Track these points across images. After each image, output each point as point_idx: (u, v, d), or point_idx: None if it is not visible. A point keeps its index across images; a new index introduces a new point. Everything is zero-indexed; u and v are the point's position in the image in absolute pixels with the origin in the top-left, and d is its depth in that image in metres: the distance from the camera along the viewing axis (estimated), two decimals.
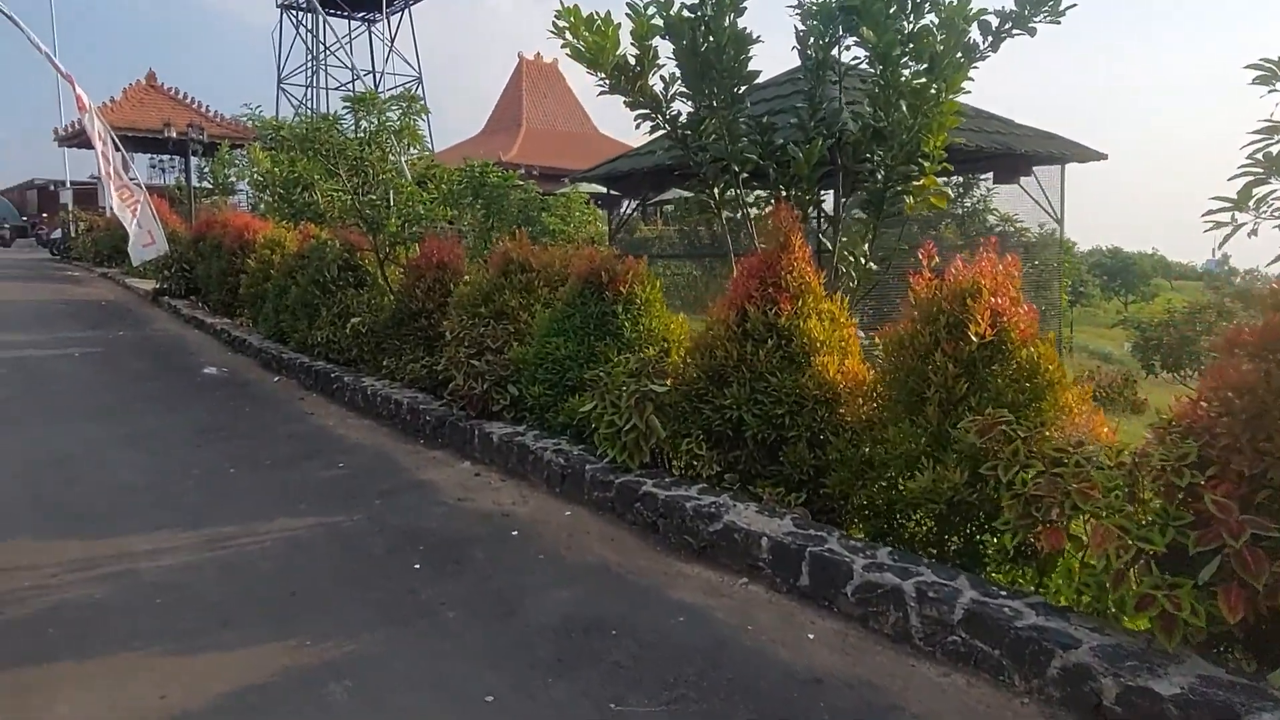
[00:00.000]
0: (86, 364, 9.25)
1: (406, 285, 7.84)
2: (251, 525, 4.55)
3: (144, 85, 27.00)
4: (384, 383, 7.45)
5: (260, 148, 13.96)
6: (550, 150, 37.25)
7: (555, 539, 4.39)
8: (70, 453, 5.92)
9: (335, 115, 8.31)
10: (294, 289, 9.64)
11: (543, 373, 5.90)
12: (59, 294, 15.15)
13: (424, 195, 8.22)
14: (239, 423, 6.96)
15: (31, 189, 42.57)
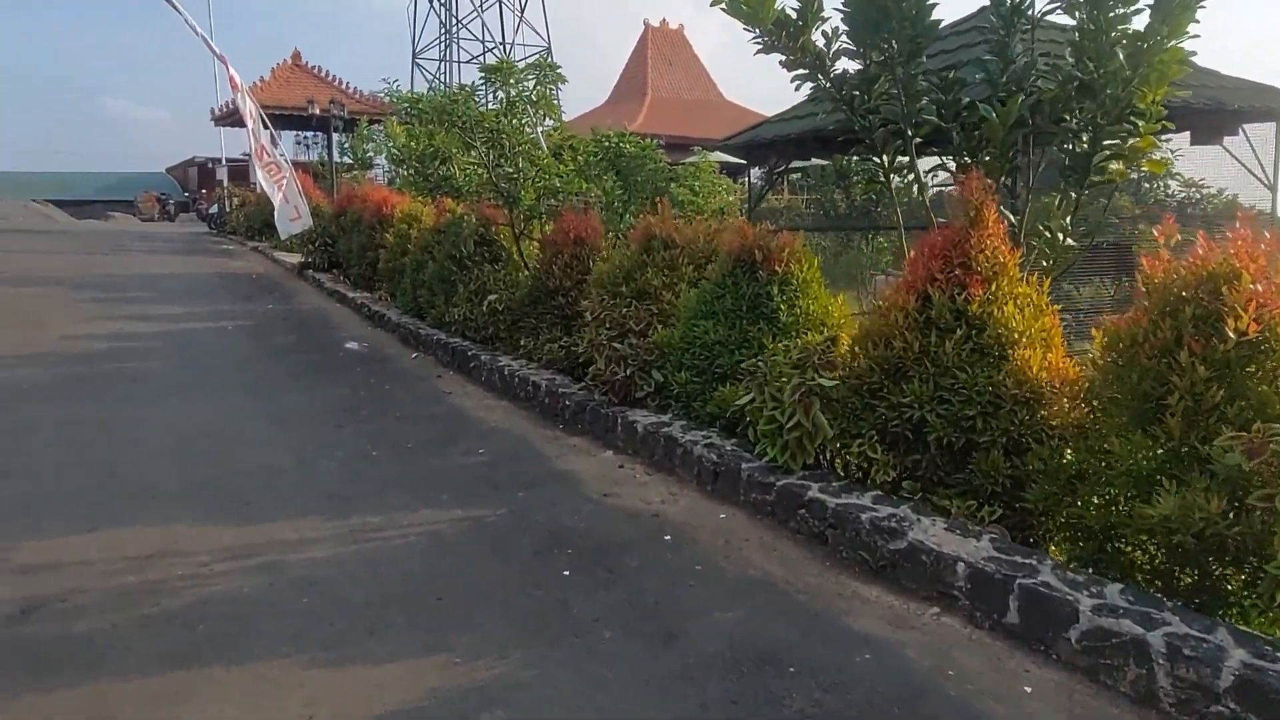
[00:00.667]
0: (237, 337, 9.54)
1: (543, 262, 7.60)
2: (395, 516, 4.38)
3: (290, 65, 28.16)
4: (521, 363, 7.25)
5: (397, 122, 14.11)
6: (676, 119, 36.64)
7: (711, 546, 4.00)
8: (221, 430, 5.99)
9: (471, 86, 8.12)
10: (430, 264, 9.63)
11: (689, 358, 5.50)
12: (214, 267, 15.94)
13: (560, 167, 7.94)
14: (379, 401, 6.92)
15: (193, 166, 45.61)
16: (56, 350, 8.41)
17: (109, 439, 5.68)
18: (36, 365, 7.77)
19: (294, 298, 12.59)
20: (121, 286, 12.78)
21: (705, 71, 43.82)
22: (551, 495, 4.71)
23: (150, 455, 5.39)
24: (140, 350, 8.63)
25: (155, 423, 6.09)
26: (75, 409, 6.38)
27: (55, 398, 6.72)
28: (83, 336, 9.07)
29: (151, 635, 3.21)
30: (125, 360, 8.16)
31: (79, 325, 9.65)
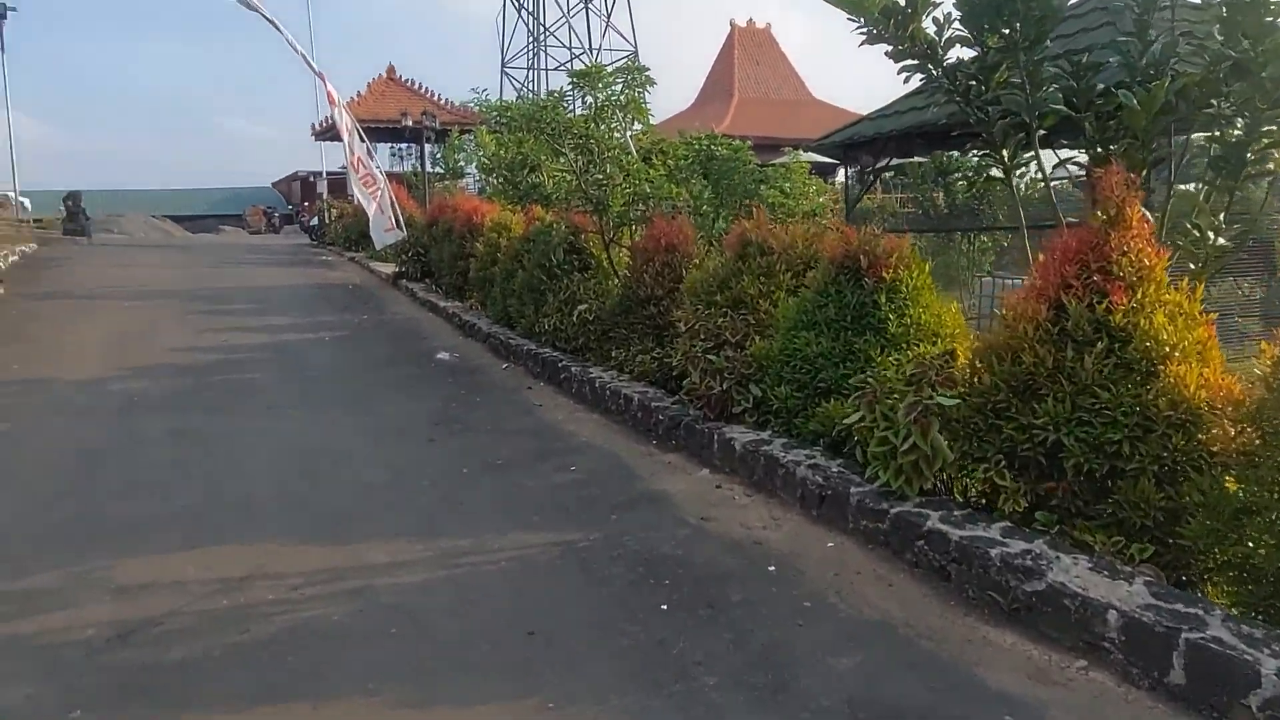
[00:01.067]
0: (334, 348, 9.70)
1: (634, 270, 7.40)
2: (485, 539, 4.23)
3: (385, 79, 28.96)
4: (612, 374, 7.06)
5: (486, 131, 14.21)
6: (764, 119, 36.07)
7: (820, 579, 3.70)
8: (315, 444, 6.01)
9: (560, 92, 8.00)
10: (520, 273, 9.56)
11: (790, 371, 5.19)
12: (313, 278, 16.40)
13: (650, 172, 7.73)
14: (470, 414, 6.85)
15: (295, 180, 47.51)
16: (167, 362, 8.69)
17: (211, 453, 5.76)
18: (148, 377, 8.03)
19: (388, 308, 12.79)
20: (228, 298, 13.25)
21: (793, 70, 43.06)
22: (646, 518, 4.49)
23: (249, 470, 5.42)
24: (243, 362, 8.84)
25: (255, 436, 6.16)
26: (181, 421, 6.53)
27: (163, 410, 6.89)
28: (192, 349, 9.37)
29: (241, 665, 3.13)
30: (229, 372, 8.36)
31: (188, 337, 9.99)
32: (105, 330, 10.34)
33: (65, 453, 5.77)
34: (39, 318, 11.10)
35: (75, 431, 6.30)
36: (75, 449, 5.85)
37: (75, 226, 23.70)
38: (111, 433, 6.25)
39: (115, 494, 4.96)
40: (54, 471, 5.38)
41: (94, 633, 3.36)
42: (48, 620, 3.48)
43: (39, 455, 5.73)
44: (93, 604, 3.62)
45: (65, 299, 12.60)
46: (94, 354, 9.08)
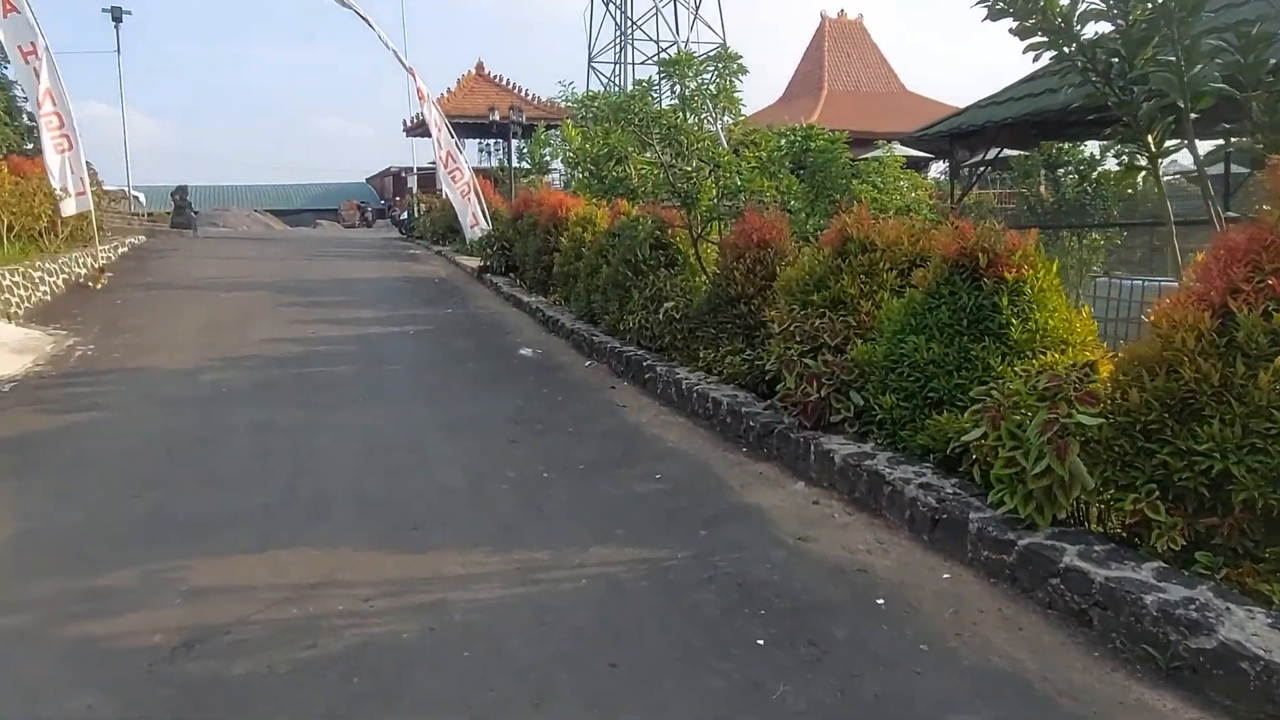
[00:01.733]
0: (418, 342, 9.65)
1: (723, 266, 7.04)
2: (565, 552, 3.97)
3: (474, 75, 29.30)
4: (699, 376, 6.73)
5: (572, 125, 14.05)
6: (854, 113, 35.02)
7: (937, 617, 3.29)
8: (395, 441, 5.87)
9: (648, 81, 7.70)
10: (604, 269, 9.32)
11: (896, 379, 4.76)
12: (402, 271, 16.58)
13: (741, 164, 7.36)
14: (552, 413, 6.62)
15: (388, 176, 48.77)
16: (257, 354, 8.78)
17: (292, 448, 5.68)
18: (238, 369, 8.10)
19: (472, 302, 12.76)
20: (318, 291, 13.46)
21: (885, 62, 41.79)
22: (738, 535, 4.14)
23: (327, 467, 5.31)
24: (329, 355, 8.86)
25: (335, 432, 6.07)
26: (265, 413, 6.50)
27: (250, 402, 6.90)
28: (280, 340, 9.46)
29: (307, 685, 2.93)
30: (315, 364, 8.37)
31: (278, 329, 10.11)
32: (202, 321, 10.57)
33: (152, 443, 5.79)
34: (142, 308, 11.46)
35: (163, 421, 6.34)
36: (162, 440, 5.86)
37: (182, 220, 24.71)
38: (197, 424, 6.26)
39: (195, 488, 4.91)
40: (139, 462, 5.38)
41: (161, 639, 3.23)
42: (117, 623, 3.37)
43: (127, 445, 5.76)
44: (163, 606, 3.51)
45: (167, 289, 13.00)
46: (189, 344, 9.25)
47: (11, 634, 3.29)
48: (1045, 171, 16.20)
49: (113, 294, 12.35)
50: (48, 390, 7.32)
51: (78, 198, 13.02)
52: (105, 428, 6.19)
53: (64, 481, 5.06)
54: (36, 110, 12.52)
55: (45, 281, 11.27)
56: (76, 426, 6.18)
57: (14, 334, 9.00)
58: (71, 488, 4.94)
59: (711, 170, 7.42)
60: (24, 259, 11.23)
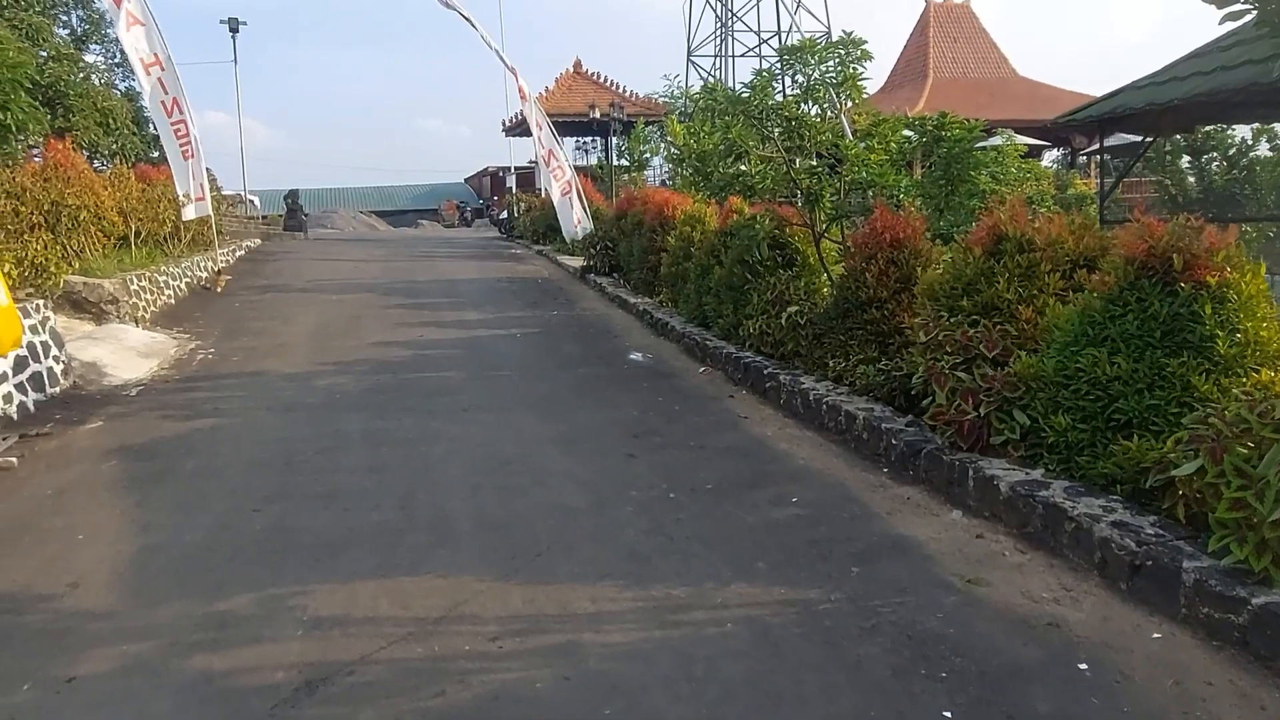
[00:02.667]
0: (526, 346, 9.48)
1: (852, 268, 6.55)
2: (704, 589, 3.61)
3: (571, 73, 29.31)
4: (826, 386, 6.26)
5: (676, 120, 13.70)
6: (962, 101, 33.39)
7: (1156, 690, 2.77)
8: (509, 454, 5.64)
9: (768, 71, 7.26)
10: (717, 270, 8.93)
11: (1070, 397, 4.21)
12: (504, 271, 16.59)
13: (871, 157, 6.84)
14: (670, 425, 6.28)
15: (486, 175, 49.59)
16: (366, 357, 8.77)
17: (407, 461, 5.51)
18: (350, 374, 8.08)
19: (577, 303, 12.56)
20: (424, 292, 13.53)
21: (995, 46, 39.87)
22: (896, 574, 3.69)
23: (443, 482, 5.11)
24: (438, 359, 8.77)
25: (448, 442, 5.89)
26: (377, 421, 6.40)
27: (361, 408, 6.82)
28: (389, 344, 9.45)
29: None
30: (425, 370, 8.29)
31: (387, 332, 10.13)
32: (313, 323, 10.71)
33: (269, 453, 5.72)
34: (258, 310, 11.72)
35: (279, 429, 6.30)
36: (280, 449, 5.80)
37: (294, 223, 25.60)
38: (314, 432, 6.19)
39: (313, 503, 4.77)
40: (259, 474, 5.31)
41: (282, 677, 3.03)
42: (238, 656, 3.19)
43: (248, 454, 5.71)
44: (284, 639, 3.32)
45: (281, 292, 13.31)
46: (303, 347, 9.34)
47: (133, 665, 3.15)
48: (1189, 158, 14.90)
49: (231, 297, 12.71)
50: (172, 395, 7.44)
51: (198, 203, 13.46)
52: (226, 435, 6.18)
53: (187, 493, 5.02)
54: (164, 119, 12.99)
55: (170, 286, 11.66)
56: (198, 435, 6.20)
57: (141, 337, 9.26)
58: (194, 500, 4.88)
59: (836, 165, 6.93)
60: (150, 264, 11.64)
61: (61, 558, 4.13)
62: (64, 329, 8.94)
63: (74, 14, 19.86)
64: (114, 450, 5.85)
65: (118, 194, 11.50)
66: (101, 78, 18.07)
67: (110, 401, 7.25)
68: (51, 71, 14.25)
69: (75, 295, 9.46)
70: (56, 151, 10.44)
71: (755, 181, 7.44)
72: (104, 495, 5.01)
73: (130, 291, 10.10)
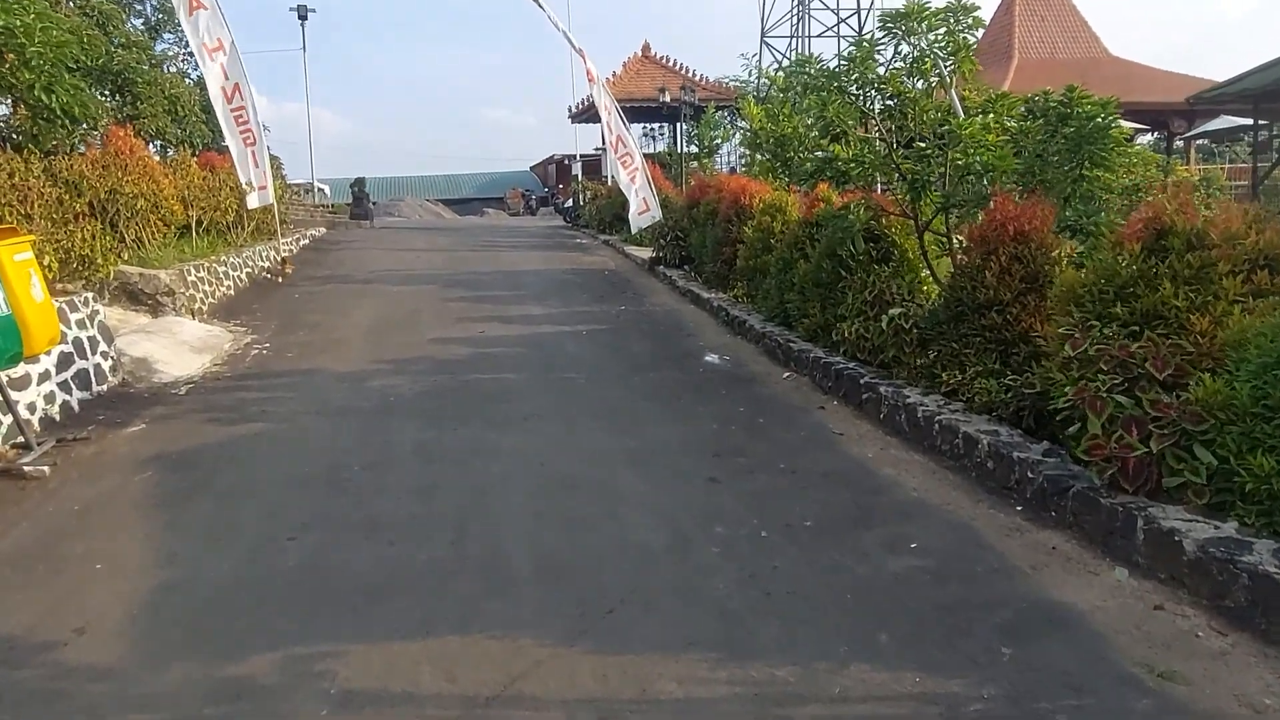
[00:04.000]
0: (593, 345, 8.85)
1: (968, 265, 5.71)
2: (815, 670, 2.90)
3: (639, 57, 28.54)
4: (936, 401, 5.46)
5: (753, 102, 12.86)
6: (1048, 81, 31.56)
7: None
8: (575, 475, 5.00)
9: (869, 39, 6.42)
10: (801, 264, 8.15)
11: (1273, 432, 3.36)
12: (570, 262, 16.01)
13: (989, 138, 5.96)
14: (755, 442, 5.56)
15: (551, 164, 49.27)
16: (424, 355, 8.26)
17: (461, 483, 4.93)
18: (405, 373, 7.57)
19: (646, 297, 11.88)
20: (486, 284, 13.03)
21: (1085, 25, 37.64)
22: (1061, 660, 2.92)
23: (500, 511, 4.50)
24: (499, 359, 8.21)
25: (508, 460, 5.28)
26: (432, 432, 5.84)
27: (415, 415, 6.28)
28: (449, 340, 8.94)
29: None
30: (485, 370, 7.72)
31: (447, 327, 9.63)
32: (372, 317, 10.27)
33: (312, 467, 5.20)
34: (317, 303, 11.36)
35: (326, 439, 5.79)
36: (325, 463, 5.28)
37: (360, 211, 25.50)
38: (361, 443, 5.65)
39: (353, 533, 4.20)
40: (299, 494, 4.78)
41: None
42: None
43: (289, 469, 5.20)
44: (307, 717, 2.74)
45: (342, 283, 12.96)
46: (359, 343, 8.89)
47: None
48: None
49: (292, 288, 12.41)
50: (220, 395, 7.03)
51: (260, 192, 13.19)
52: (269, 445, 5.70)
53: (219, 515, 4.52)
54: (224, 106, 12.72)
55: (229, 276, 11.38)
56: (241, 443, 5.73)
57: (196, 331, 8.93)
58: (226, 525, 4.38)
59: (945, 146, 6.07)
60: (211, 253, 11.38)
61: (73, 595, 3.65)
62: (119, 322, 8.65)
63: (149, 2, 19.92)
64: (151, 459, 5.41)
65: (179, 182, 11.25)
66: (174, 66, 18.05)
67: (157, 401, 6.86)
68: (121, 59, 14.14)
69: (131, 287, 9.19)
70: (117, 139, 10.19)
71: (849, 166, 6.62)
72: (131, 515, 4.54)
73: (188, 283, 9.80)
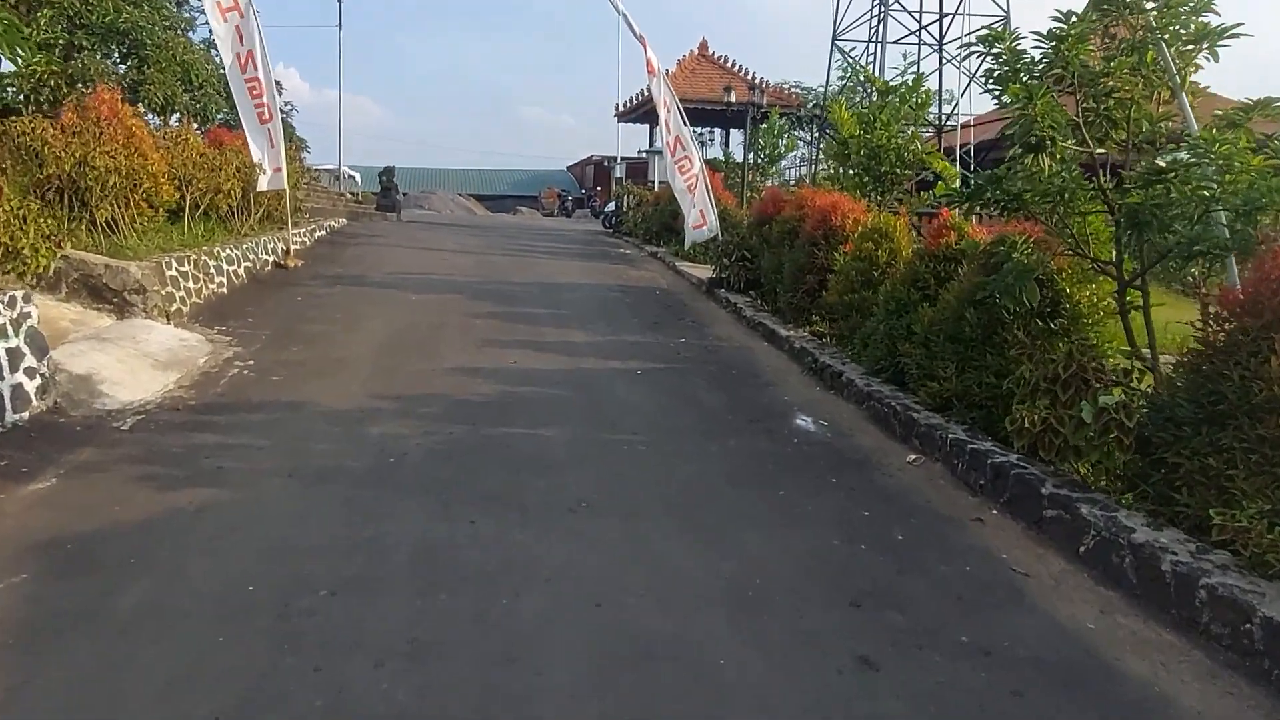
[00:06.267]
0: (652, 390, 7.11)
1: (1230, 344, 3.92)
2: None
3: (696, 55, 26.78)
4: (1179, 541, 3.65)
5: (844, 106, 11.08)
6: None
7: None
8: (653, 636, 3.26)
9: (1084, 15, 4.63)
10: (924, 309, 6.40)
11: None
12: (615, 276, 14.28)
13: (1251, 161, 4.17)
14: (906, 580, 3.80)
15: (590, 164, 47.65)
16: (441, 393, 6.57)
17: (475, 632, 3.21)
18: (415, 419, 5.89)
19: (708, 328, 10.10)
20: (520, 298, 11.34)
21: None
22: None
23: (542, 703, 2.76)
24: (535, 404, 6.50)
25: (551, 594, 3.55)
26: (442, 528, 4.14)
27: (423, 494, 4.58)
28: (473, 371, 7.25)
29: None
30: (516, 421, 6.01)
31: (470, 353, 7.94)
32: (384, 333, 8.60)
33: (260, 586, 3.49)
34: (323, 308, 9.72)
35: (292, 527, 4.10)
36: (277, 577, 3.57)
37: (387, 202, 23.94)
38: (338, 541, 3.95)
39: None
40: (223, 643, 3.07)
41: None
42: None
43: (221, 585, 3.50)
44: None
45: (355, 285, 11.31)
46: (363, 368, 7.21)
47: None
48: None
49: (296, 288, 10.77)
50: (172, 435, 5.37)
51: (274, 174, 11.64)
52: (211, 535, 4.01)
53: (95, 682, 2.83)
54: (237, 75, 11.16)
55: (223, 271, 9.75)
56: (173, 527, 4.05)
57: (166, 339, 7.30)
58: (96, 696, 2.68)
59: (1188, 168, 4.28)
60: (205, 242, 9.78)
61: None
62: (71, 324, 7.04)
63: None
64: (38, 547, 3.75)
65: (174, 157, 9.65)
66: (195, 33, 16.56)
67: (89, 439, 5.22)
68: (130, 17, 12.64)
69: (94, 280, 7.58)
70: (100, 101, 8.61)
71: (1026, 189, 4.84)
72: None
73: (165, 278, 8.17)
